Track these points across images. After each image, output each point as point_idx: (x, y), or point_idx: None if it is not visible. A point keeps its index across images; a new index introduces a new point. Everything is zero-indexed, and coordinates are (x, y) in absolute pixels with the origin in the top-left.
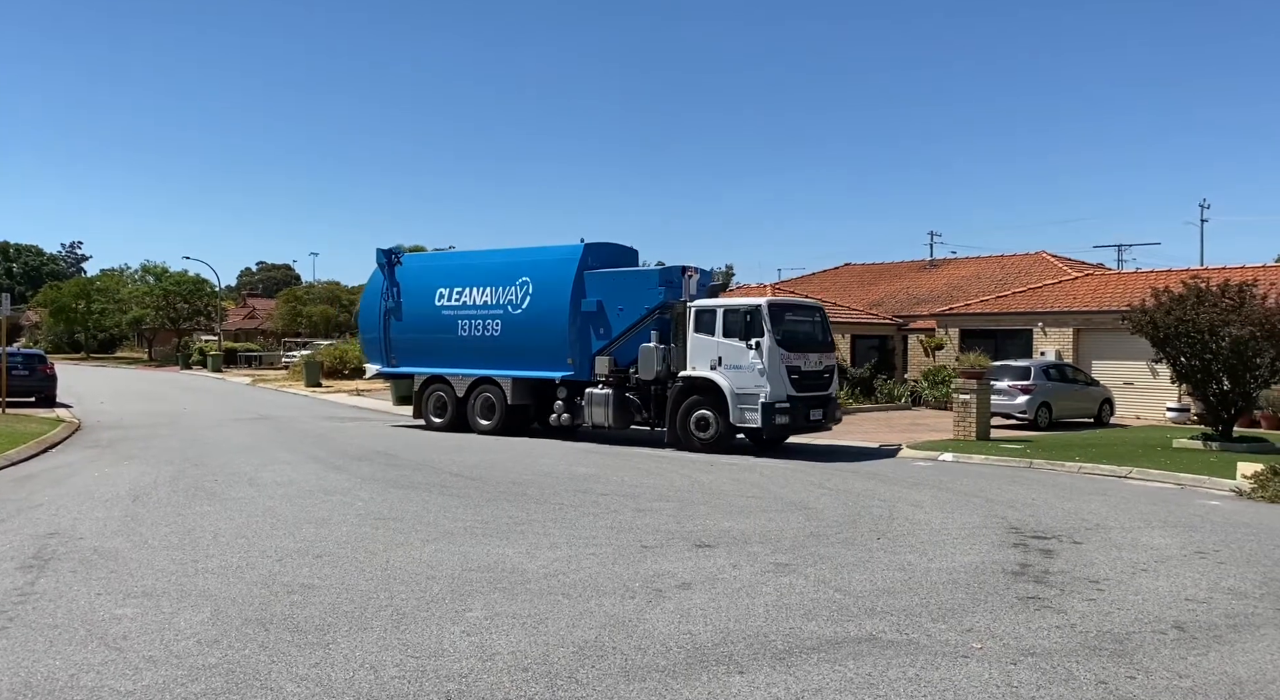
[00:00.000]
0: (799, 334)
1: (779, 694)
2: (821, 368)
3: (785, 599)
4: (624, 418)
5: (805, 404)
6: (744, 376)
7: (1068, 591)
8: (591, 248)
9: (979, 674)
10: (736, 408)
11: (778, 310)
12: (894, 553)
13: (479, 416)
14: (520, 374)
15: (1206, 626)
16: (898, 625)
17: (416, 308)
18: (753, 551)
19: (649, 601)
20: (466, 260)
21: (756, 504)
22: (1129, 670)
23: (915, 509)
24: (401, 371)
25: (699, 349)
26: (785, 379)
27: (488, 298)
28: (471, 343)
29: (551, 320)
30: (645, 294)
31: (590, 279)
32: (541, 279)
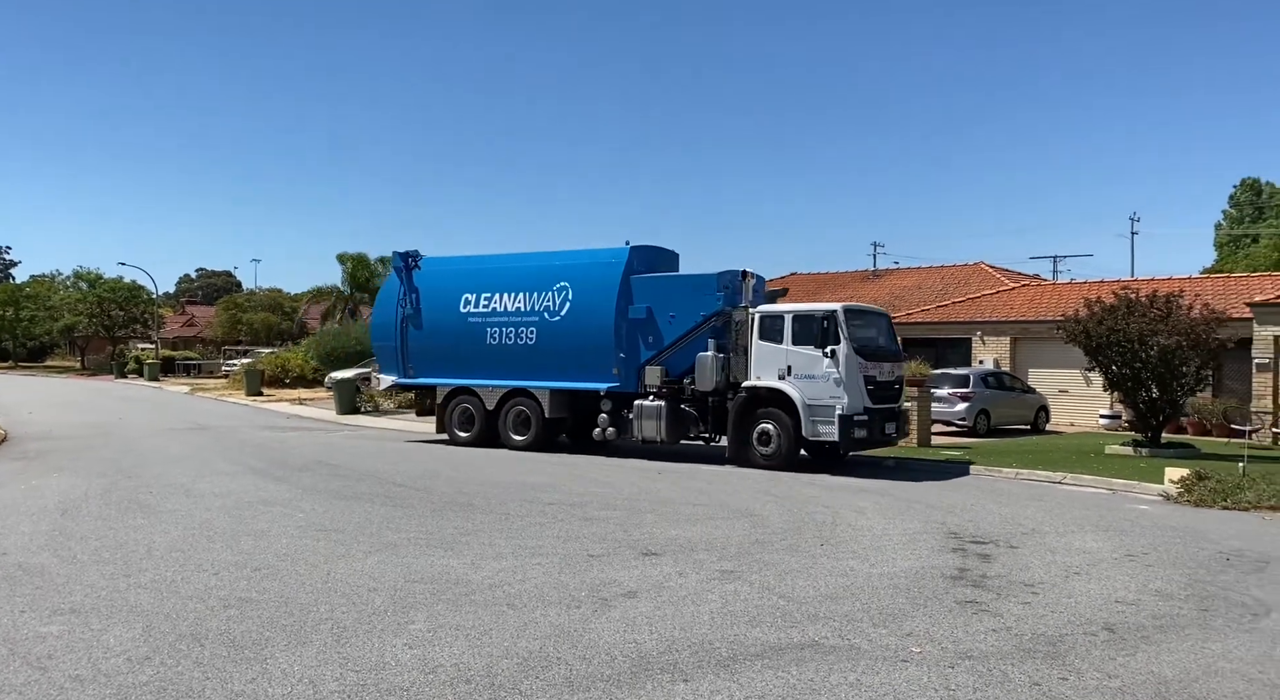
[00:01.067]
0: (872, 342)
1: None
2: (893, 378)
3: (730, 606)
4: (677, 431)
5: (880, 416)
6: (817, 387)
7: (1004, 595)
8: (637, 251)
9: (918, 678)
10: (809, 420)
11: (853, 316)
12: (837, 558)
13: (512, 431)
14: (559, 385)
15: (1135, 628)
16: (840, 630)
17: (439, 314)
18: (699, 559)
19: (595, 611)
20: (496, 264)
21: (703, 512)
22: (1061, 672)
23: (858, 515)
24: (421, 383)
25: (765, 358)
26: (863, 389)
27: (521, 304)
28: (502, 352)
29: (595, 328)
30: (702, 300)
31: (638, 284)
32: (583, 284)
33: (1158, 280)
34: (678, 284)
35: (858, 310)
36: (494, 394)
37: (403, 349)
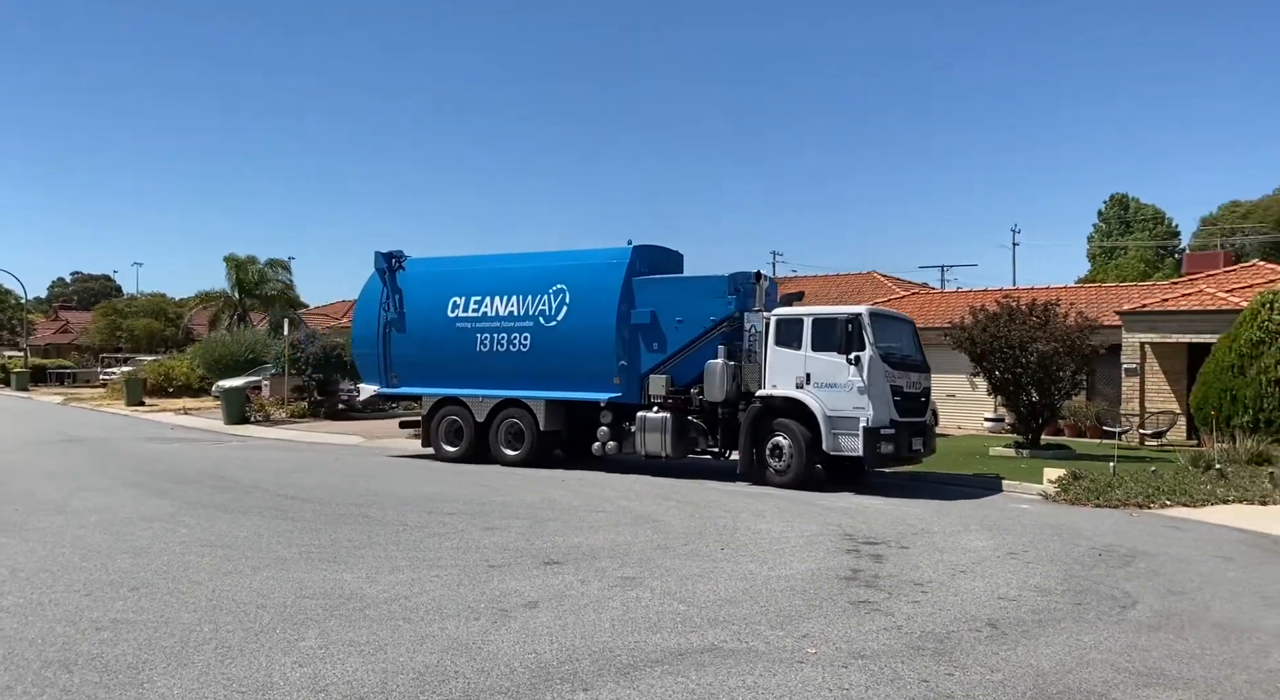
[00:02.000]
0: (898, 350)
1: None
2: (919, 390)
3: (631, 613)
4: (684, 445)
5: (908, 431)
6: (839, 397)
7: (895, 594)
8: (640, 251)
9: (813, 678)
10: (830, 433)
11: (878, 321)
12: (737, 562)
13: (504, 445)
14: (555, 395)
15: (1016, 623)
16: (738, 634)
17: (424, 319)
18: (601, 567)
19: (494, 622)
20: (486, 265)
21: (606, 519)
22: (948, 668)
23: (757, 519)
24: (404, 392)
25: (781, 365)
26: (889, 400)
27: (514, 308)
28: (493, 360)
29: (594, 334)
30: (711, 304)
31: (641, 287)
32: (581, 287)
33: (1037, 289)
34: (685, 287)
35: (883, 315)
36: (484, 405)
37: (385, 356)
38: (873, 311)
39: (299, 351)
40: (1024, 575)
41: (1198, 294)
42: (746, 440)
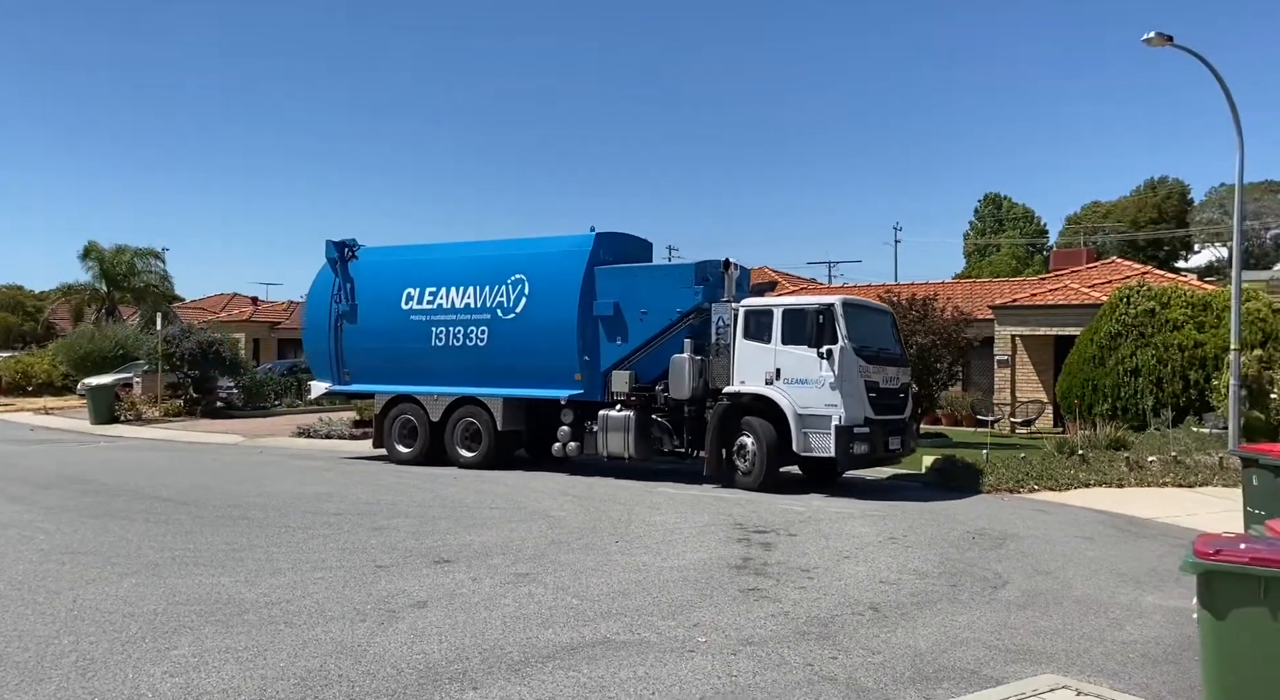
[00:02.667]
0: (874, 343)
1: None
2: (898, 385)
3: (524, 609)
4: (648, 445)
5: (884, 429)
6: (811, 393)
7: (783, 581)
8: (604, 238)
9: (703, 666)
10: (800, 432)
11: (852, 311)
12: (630, 554)
13: (460, 445)
14: (513, 393)
15: (896, 605)
16: (631, 626)
17: (377, 312)
18: (493, 563)
19: (381, 624)
20: (443, 254)
21: (500, 515)
22: (831, 651)
23: (652, 511)
24: (357, 389)
25: (750, 359)
26: (864, 397)
27: (471, 299)
28: (449, 355)
29: (554, 327)
30: (677, 294)
31: (604, 277)
32: (541, 276)
33: (917, 285)
34: (650, 276)
35: (858, 305)
36: (439, 403)
37: (337, 351)
38: (847, 302)
39: (174, 347)
40: (904, 559)
41: (1063, 289)
42: (713, 440)
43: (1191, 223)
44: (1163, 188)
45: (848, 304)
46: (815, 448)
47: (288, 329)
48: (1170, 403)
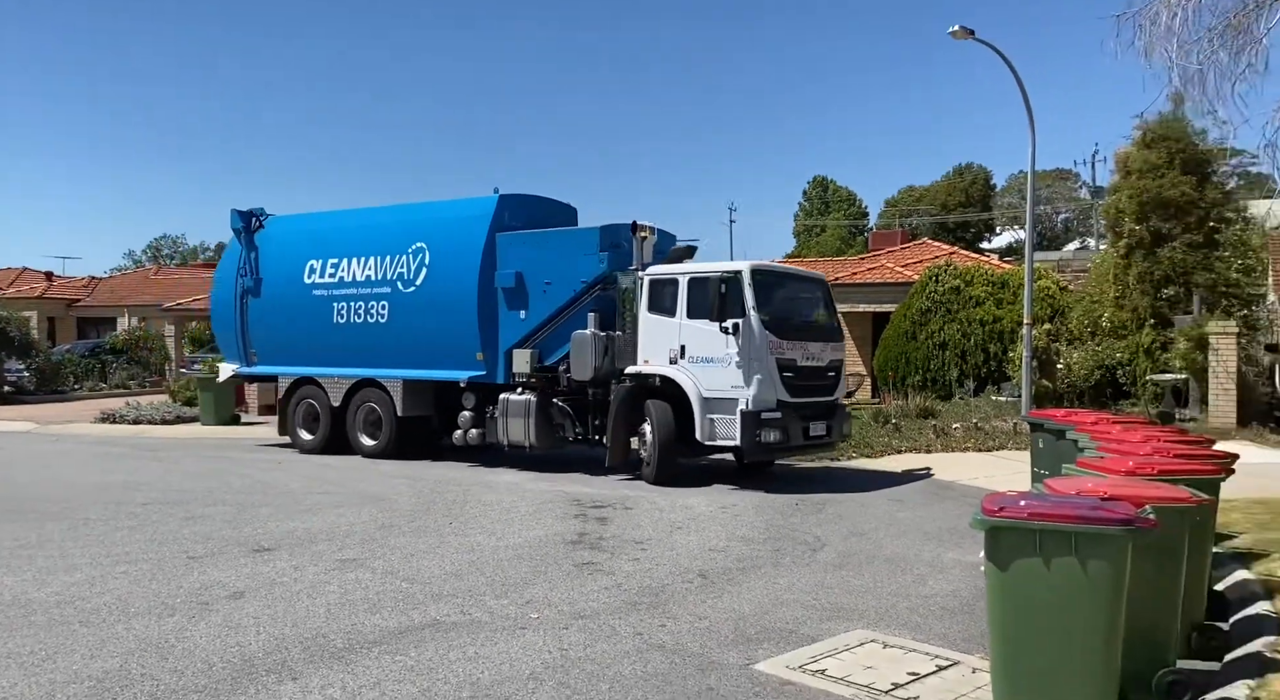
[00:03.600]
0: (796, 315)
1: (334, 695)
2: (825, 363)
3: (350, 595)
4: (550, 433)
5: (803, 413)
6: (717, 373)
7: (617, 554)
8: (509, 201)
9: (534, 642)
10: (705, 418)
11: (766, 280)
12: (465, 535)
13: (362, 432)
14: (414, 375)
15: (723, 572)
16: (462, 606)
17: (281, 287)
18: (318, 550)
19: (191, 617)
20: (345, 222)
21: (327, 500)
22: (661, 619)
23: (488, 490)
24: (262, 372)
25: (655, 335)
26: (776, 377)
27: (371, 272)
28: (351, 333)
29: (454, 301)
30: (580, 263)
31: (506, 244)
32: (442, 245)
33: None
34: (552, 243)
35: (773, 273)
36: (340, 386)
37: (243, 330)
38: (758, 269)
39: None
40: (732, 527)
41: (880, 268)
42: (616, 427)
43: (994, 207)
44: (969, 173)
45: (759, 271)
46: (722, 436)
47: (89, 307)
48: (973, 373)
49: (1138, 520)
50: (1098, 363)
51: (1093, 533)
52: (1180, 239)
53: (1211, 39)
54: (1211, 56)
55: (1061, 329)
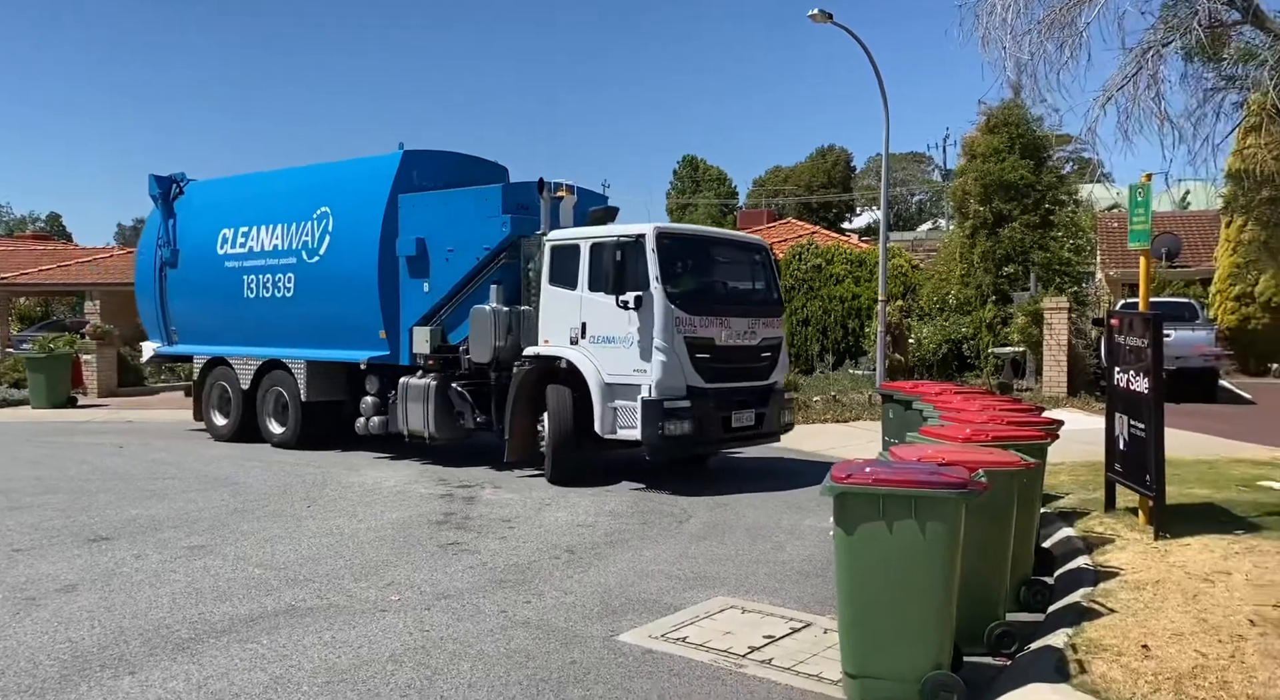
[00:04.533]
0: (719, 286)
1: (178, 687)
2: (757, 342)
3: (197, 584)
4: (450, 421)
5: (723, 401)
6: (618, 355)
7: (484, 533)
8: (417, 159)
9: (395, 624)
10: (605, 407)
11: (677, 245)
12: (324, 519)
13: (272, 418)
14: (317, 355)
15: (590, 547)
16: (320, 591)
17: (197, 258)
18: (163, 538)
19: (15, 614)
20: (258, 187)
21: (174, 486)
22: (526, 596)
23: (349, 472)
24: (180, 351)
25: (556, 310)
26: (685, 359)
27: (279, 241)
28: (260, 309)
29: (355, 272)
30: (483, 227)
31: (410, 207)
32: (345, 209)
33: None
34: (454, 204)
35: (685, 237)
36: (249, 367)
37: (163, 306)
38: (665, 233)
39: None
40: (601, 502)
41: None
42: (514, 415)
43: (854, 188)
44: (831, 155)
45: (667, 235)
46: (624, 427)
47: None
48: (833, 348)
49: (971, 484)
50: (945, 337)
51: (930, 496)
52: (1019, 220)
53: (1040, 31)
54: (1040, 47)
55: (913, 305)
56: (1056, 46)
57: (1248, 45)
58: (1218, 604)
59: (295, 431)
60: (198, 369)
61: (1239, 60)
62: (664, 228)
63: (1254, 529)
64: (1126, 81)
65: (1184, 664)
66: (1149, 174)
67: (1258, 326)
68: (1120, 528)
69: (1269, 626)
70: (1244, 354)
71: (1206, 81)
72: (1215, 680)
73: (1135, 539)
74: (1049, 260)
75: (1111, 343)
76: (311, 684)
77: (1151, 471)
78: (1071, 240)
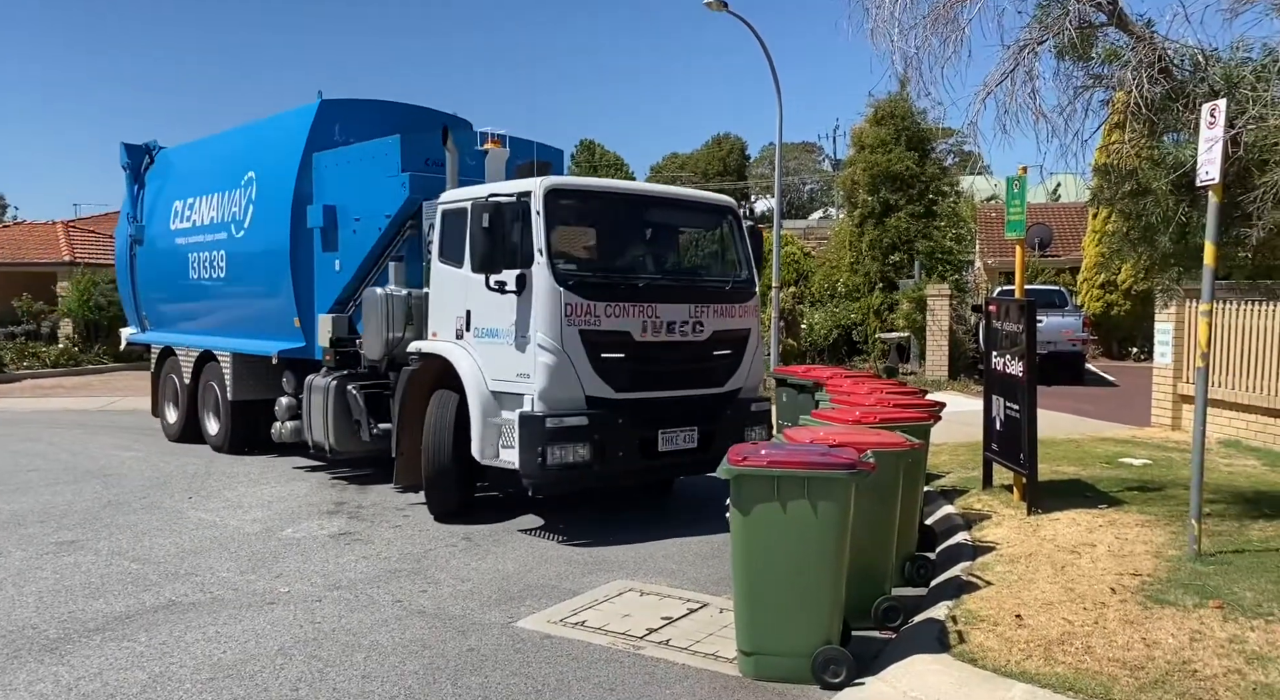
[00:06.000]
0: (642, 261)
1: (45, 690)
2: (705, 336)
3: (67, 581)
4: (349, 431)
5: (646, 416)
6: (501, 354)
7: (377, 522)
8: (338, 110)
9: (284, 617)
10: (486, 423)
11: (578, 205)
12: (208, 510)
13: (210, 417)
14: (241, 346)
15: (488, 533)
16: (203, 585)
17: (157, 235)
18: (28, 534)
19: None
20: (203, 151)
21: (40, 477)
22: (422, 585)
23: (235, 462)
24: (152, 339)
25: (445, 294)
26: (584, 360)
27: (215, 213)
28: (200, 292)
29: (268, 247)
30: (383, 188)
31: (325, 168)
32: (266, 173)
33: None
34: (356, 161)
35: (598, 195)
36: (190, 359)
37: (134, 287)
38: (561, 190)
39: None
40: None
41: None
42: (400, 427)
43: (749, 176)
44: (726, 143)
45: (564, 193)
46: (507, 449)
47: None
48: None
49: (859, 464)
50: (836, 322)
51: (822, 477)
52: (905, 210)
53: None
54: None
55: (806, 292)
56: (940, 41)
57: (1113, 46)
58: (1083, 574)
59: (225, 434)
60: (154, 359)
61: (1105, 60)
62: (560, 183)
63: (1116, 503)
64: (1004, 77)
65: (1053, 631)
66: (1024, 167)
67: (1120, 312)
68: (997, 504)
69: (1128, 594)
70: (1108, 339)
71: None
72: (1080, 645)
73: (1010, 515)
74: (932, 249)
75: (989, 328)
76: (194, 680)
77: (1025, 451)
78: (953, 230)
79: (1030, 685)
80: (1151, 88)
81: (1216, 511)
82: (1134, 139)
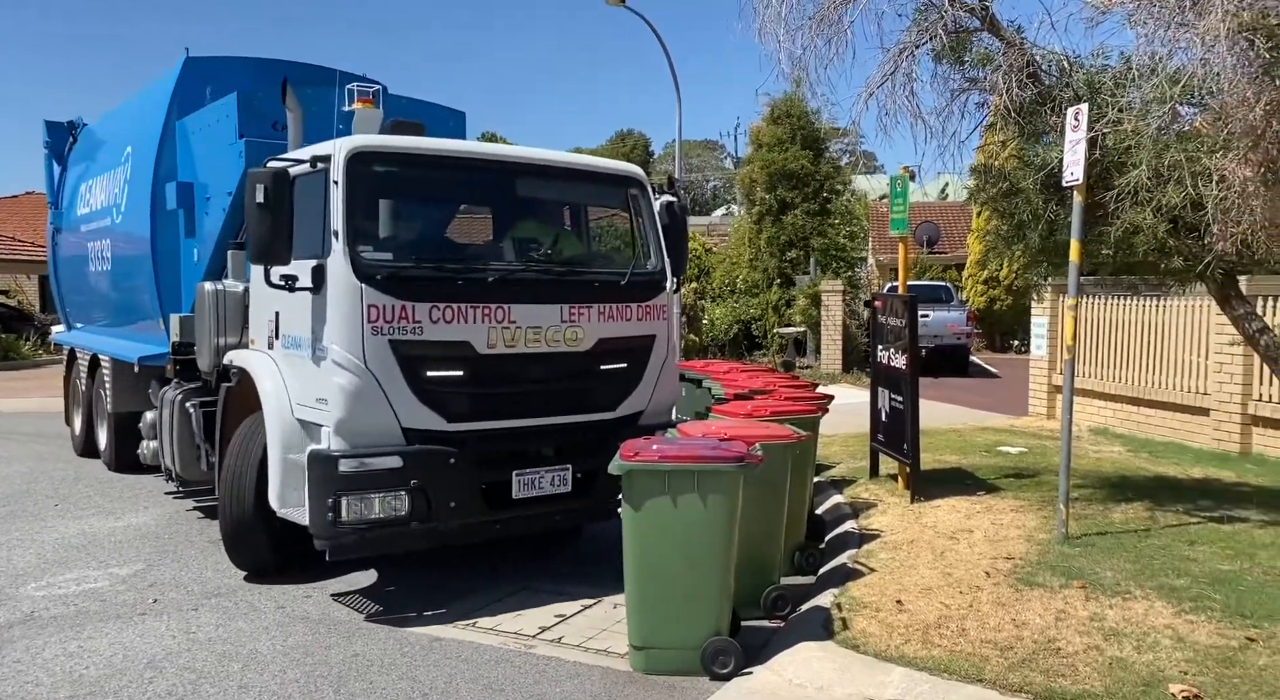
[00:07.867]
0: (491, 248)
1: None
2: (588, 346)
3: None
4: (192, 456)
5: (495, 453)
6: (302, 371)
7: None
8: (209, 68)
9: (155, 628)
10: (284, 459)
11: (398, 173)
12: (77, 518)
13: (102, 426)
14: (117, 350)
15: None
16: (66, 598)
17: (70, 222)
18: None
19: None
20: (106, 125)
21: None
22: (307, 590)
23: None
24: (62, 339)
25: (260, 289)
26: (399, 381)
27: (104, 196)
28: (92, 285)
29: (133, 233)
30: (223, 158)
31: (186, 139)
32: (138, 146)
33: None
34: (204, 128)
35: (426, 159)
36: (84, 360)
37: (57, 281)
38: (373, 153)
39: None
40: None
41: None
42: (221, 453)
43: (652, 172)
44: (630, 140)
45: (378, 157)
46: (290, 505)
47: None
48: None
49: (748, 457)
50: (736, 318)
51: (711, 470)
52: (801, 207)
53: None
54: (812, 43)
55: (707, 287)
56: (825, 43)
57: (986, 50)
58: (961, 559)
59: (111, 450)
60: (65, 361)
61: (978, 63)
62: (372, 143)
63: (993, 490)
64: (885, 79)
65: (931, 616)
66: (907, 166)
67: (1002, 307)
68: (883, 493)
69: (1000, 577)
70: (991, 332)
71: (954, 82)
72: (956, 628)
73: (895, 503)
74: (827, 246)
75: (875, 323)
76: (51, 699)
77: (909, 440)
78: (846, 227)
79: (908, 669)
80: (1021, 92)
81: (1084, 496)
82: (1007, 140)
